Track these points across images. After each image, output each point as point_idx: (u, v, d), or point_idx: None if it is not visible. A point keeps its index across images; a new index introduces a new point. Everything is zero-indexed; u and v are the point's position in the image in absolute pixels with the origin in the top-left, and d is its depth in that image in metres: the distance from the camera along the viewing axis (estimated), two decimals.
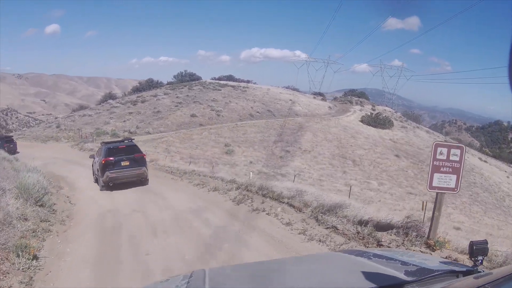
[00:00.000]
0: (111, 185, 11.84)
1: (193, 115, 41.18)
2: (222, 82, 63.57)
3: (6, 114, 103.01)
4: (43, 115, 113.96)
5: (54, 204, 8.07)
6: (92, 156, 14.51)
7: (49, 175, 13.67)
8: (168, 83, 63.68)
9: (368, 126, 51.95)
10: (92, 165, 13.92)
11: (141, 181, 12.57)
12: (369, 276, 1.59)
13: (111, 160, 11.93)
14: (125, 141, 13.65)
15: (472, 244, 1.59)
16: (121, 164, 12.04)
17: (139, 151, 12.92)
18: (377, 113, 57.46)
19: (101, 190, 11.95)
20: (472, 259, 1.59)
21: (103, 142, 14.20)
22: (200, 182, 12.43)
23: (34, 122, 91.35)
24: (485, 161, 52.94)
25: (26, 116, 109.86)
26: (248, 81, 71.10)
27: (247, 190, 9.99)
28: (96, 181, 12.82)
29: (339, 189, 28.98)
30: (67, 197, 10.10)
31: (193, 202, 9.64)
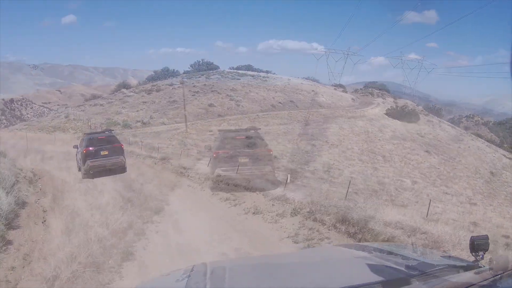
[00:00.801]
0: (91, 173, 12.65)
1: (211, 105, 38.78)
2: (240, 71, 60.88)
3: (21, 105, 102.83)
4: (58, 105, 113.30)
5: (17, 228, 5.43)
6: (75, 146, 15.03)
7: (41, 174, 12.56)
8: (185, 72, 61.49)
9: (394, 120, 49.27)
10: (76, 155, 14.47)
11: (119, 169, 13.41)
12: (370, 270, 1.55)
13: (92, 150, 12.82)
14: (105, 132, 14.90)
15: (473, 239, 1.56)
16: (101, 154, 12.91)
17: (117, 141, 13.90)
18: (403, 106, 54.42)
19: (83, 178, 12.62)
20: (473, 254, 1.56)
21: (85, 133, 15.43)
22: (231, 195, 8.99)
23: (49, 113, 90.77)
24: (510, 158, 50.01)
25: (41, 106, 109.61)
26: (267, 71, 68.38)
27: (314, 220, 6.36)
28: (80, 169, 13.44)
29: (373, 188, 26.49)
30: (44, 211, 7.32)
31: (226, 240, 6.10)
